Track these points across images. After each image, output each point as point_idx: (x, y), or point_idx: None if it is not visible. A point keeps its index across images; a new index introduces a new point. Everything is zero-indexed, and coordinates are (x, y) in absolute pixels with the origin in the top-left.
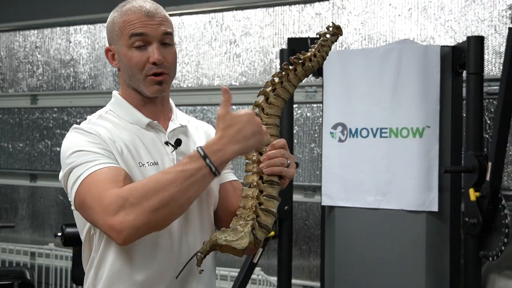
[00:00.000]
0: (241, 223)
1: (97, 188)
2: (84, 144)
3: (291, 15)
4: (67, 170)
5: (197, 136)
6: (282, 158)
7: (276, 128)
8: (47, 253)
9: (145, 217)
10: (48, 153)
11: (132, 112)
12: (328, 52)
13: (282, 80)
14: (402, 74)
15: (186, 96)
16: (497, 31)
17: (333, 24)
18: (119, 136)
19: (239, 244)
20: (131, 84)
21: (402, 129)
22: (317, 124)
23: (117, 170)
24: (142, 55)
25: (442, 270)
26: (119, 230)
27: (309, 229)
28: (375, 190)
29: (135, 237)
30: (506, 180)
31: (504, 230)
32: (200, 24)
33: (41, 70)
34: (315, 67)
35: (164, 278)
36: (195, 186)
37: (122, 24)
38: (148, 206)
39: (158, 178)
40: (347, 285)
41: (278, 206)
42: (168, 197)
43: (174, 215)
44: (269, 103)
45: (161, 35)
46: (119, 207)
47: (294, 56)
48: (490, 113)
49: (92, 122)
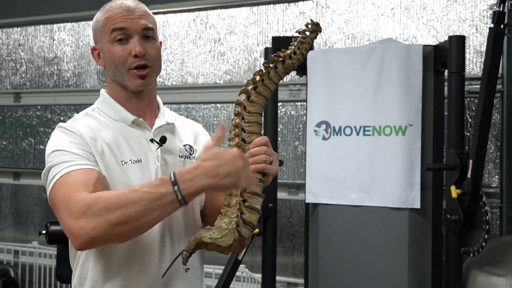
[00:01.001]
0: (225, 220)
1: (66, 190)
2: (64, 144)
3: (275, 13)
4: (46, 169)
5: (184, 134)
6: (264, 155)
7: (259, 126)
8: (30, 251)
9: (103, 229)
10: (32, 151)
11: (117, 110)
12: (308, 49)
13: (263, 78)
14: (385, 73)
15: (171, 94)
16: (478, 30)
17: (312, 21)
18: (102, 135)
19: (224, 242)
20: (116, 80)
21: (385, 127)
22: (301, 122)
23: (90, 173)
24: (124, 49)
25: (424, 266)
26: (77, 235)
27: (293, 227)
28: (358, 188)
29: (91, 245)
30: (486, 178)
31: (484, 226)
32: (185, 23)
33: (25, 68)
34: (296, 64)
35: (148, 277)
36: (158, 211)
37: (104, 21)
38: (108, 220)
39: (125, 194)
40: (331, 282)
41: (262, 203)
42: (129, 216)
43: (132, 234)
44: (251, 101)
45: (142, 29)
46: (82, 213)
47: (274, 54)
48: (471, 111)
49: (77, 120)
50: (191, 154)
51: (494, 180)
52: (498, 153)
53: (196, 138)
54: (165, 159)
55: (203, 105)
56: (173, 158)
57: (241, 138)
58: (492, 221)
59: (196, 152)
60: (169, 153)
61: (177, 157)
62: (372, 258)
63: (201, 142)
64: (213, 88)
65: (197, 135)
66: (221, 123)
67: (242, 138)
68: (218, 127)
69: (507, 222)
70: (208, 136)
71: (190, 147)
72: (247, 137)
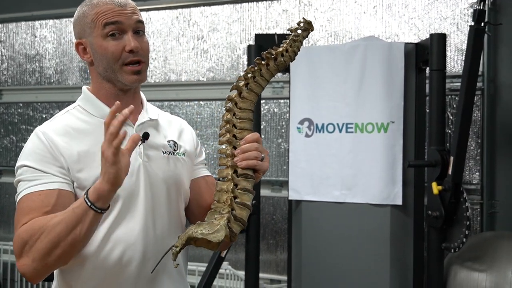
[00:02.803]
0: (216, 216)
1: (18, 216)
2: (32, 157)
3: (258, 11)
4: (16, 181)
5: (169, 131)
6: (256, 152)
7: (250, 122)
8: (12, 250)
9: (41, 258)
10: (13, 149)
11: (99, 106)
12: (299, 47)
13: (255, 74)
14: (367, 71)
15: (154, 92)
16: (459, 28)
17: (304, 20)
18: (79, 135)
19: (215, 237)
20: (107, 76)
21: (367, 124)
22: (284, 120)
23: (48, 194)
24: (118, 44)
25: (405, 261)
26: (23, 272)
27: (276, 224)
28: (341, 184)
29: (40, 276)
30: (467, 174)
31: (465, 222)
32: (168, 20)
33: (6, 65)
34: (287, 62)
35: (131, 274)
36: (80, 224)
37: (94, 15)
38: (41, 248)
39: (46, 221)
40: (314, 278)
41: (252, 199)
42: (56, 238)
43: (69, 254)
44: (242, 97)
45: (135, 23)
46: (21, 250)
47: (267, 51)
48: (453, 108)
49: (55, 121)
50: (175, 150)
51: (475, 177)
52: (478, 150)
53: (180, 134)
54: (148, 155)
55: (186, 103)
56: (156, 154)
57: (232, 134)
58: (473, 217)
59: (181, 148)
60: (152, 149)
61: (161, 153)
62: (355, 254)
63: (186, 138)
64: (196, 86)
65: (181, 131)
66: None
67: (234, 134)
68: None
69: (488, 219)
70: (193, 132)
71: (174, 143)
72: (238, 133)
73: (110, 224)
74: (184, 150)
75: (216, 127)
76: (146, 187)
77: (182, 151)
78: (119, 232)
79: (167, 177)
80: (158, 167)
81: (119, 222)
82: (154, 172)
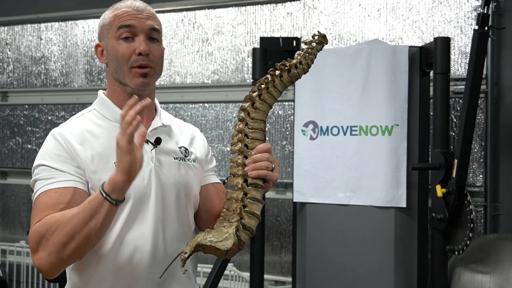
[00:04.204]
0: (225, 224)
1: (34, 213)
2: (50, 157)
3: (262, 14)
4: (32, 181)
5: (181, 137)
6: (267, 162)
7: (262, 132)
8: (18, 251)
9: (57, 252)
10: (19, 151)
11: (113, 110)
12: (313, 60)
13: (268, 85)
14: (371, 74)
15: (159, 94)
16: (463, 32)
17: (319, 33)
18: (94, 138)
19: (223, 245)
20: (117, 77)
21: (371, 127)
22: (289, 122)
23: (63, 192)
24: (129, 46)
25: (409, 264)
26: (39, 267)
27: (280, 225)
28: (345, 187)
29: (55, 271)
30: (471, 177)
31: (469, 225)
32: (173, 23)
33: (12, 67)
34: (301, 74)
35: (142, 276)
36: (95, 216)
37: (112, 18)
38: (57, 242)
39: (63, 214)
40: (318, 280)
41: (261, 208)
42: (72, 230)
43: (84, 247)
44: (255, 107)
45: (148, 29)
46: (37, 245)
47: (281, 63)
48: (456, 111)
49: (70, 124)
50: (186, 156)
51: (479, 179)
52: (482, 153)
53: (192, 141)
54: (159, 160)
55: (191, 105)
56: (167, 159)
57: (244, 144)
58: (477, 219)
59: (192, 154)
60: (164, 154)
61: (172, 158)
62: (359, 256)
63: (197, 145)
64: (201, 88)
65: (193, 138)
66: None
67: (245, 143)
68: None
69: (491, 221)
70: (205, 140)
71: (185, 149)
72: (250, 143)
73: (122, 226)
74: (195, 156)
75: (221, 129)
76: (157, 191)
77: (193, 158)
78: (130, 234)
79: (177, 183)
80: (169, 172)
81: (130, 224)
82: (165, 176)
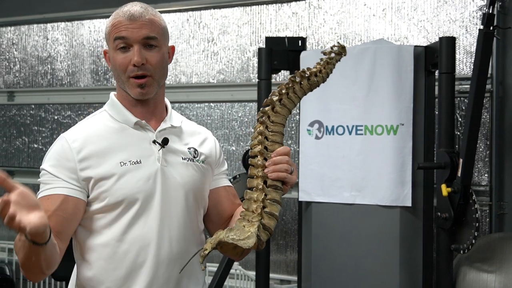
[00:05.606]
0: (245, 224)
1: None
2: (50, 161)
3: (268, 14)
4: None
5: (191, 138)
6: (286, 165)
7: (281, 136)
8: None
9: (25, 270)
10: (26, 150)
11: (122, 112)
12: (332, 69)
13: (289, 91)
14: (376, 73)
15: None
16: (468, 31)
17: (339, 44)
18: (99, 138)
19: (245, 243)
20: (120, 85)
21: (377, 126)
22: (294, 122)
23: (53, 199)
24: (125, 57)
25: (415, 263)
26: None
27: (286, 224)
28: (350, 186)
29: (35, 279)
30: (476, 176)
31: (474, 224)
32: (178, 22)
33: (18, 67)
34: (320, 82)
35: (147, 274)
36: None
37: (110, 28)
38: (21, 264)
39: (16, 241)
40: (323, 279)
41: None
42: (21, 260)
43: (41, 270)
44: (275, 111)
45: (142, 38)
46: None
47: (301, 70)
48: (462, 111)
49: (78, 128)
50: (195, 157)
51: (484, 178)
52: (487, 152)
53: (203, 142)
54: (167, 160)
55: (197, 104)
56: (175, 159)
57: (264, 146)
58: (482, 218)
59: (201, 155)
60: (171, 154)
61: (180, 158)
62: (364, 255)
63: (208, 147)
64: (206, 88)
65: (204, 140)
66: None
67: (265, 146)
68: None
69: (496, 220)
70: (217, 143)
71: (194, 150)
72: (270, 146)
73: (126, 225)
74: (205, 157)
75: (226, 129)
76: (163, 191)
77: (202, 159)
78: (134, 233)
79: (185, 183)
80: (176, 172)
81: (134, 223)
82: (172, 176)
